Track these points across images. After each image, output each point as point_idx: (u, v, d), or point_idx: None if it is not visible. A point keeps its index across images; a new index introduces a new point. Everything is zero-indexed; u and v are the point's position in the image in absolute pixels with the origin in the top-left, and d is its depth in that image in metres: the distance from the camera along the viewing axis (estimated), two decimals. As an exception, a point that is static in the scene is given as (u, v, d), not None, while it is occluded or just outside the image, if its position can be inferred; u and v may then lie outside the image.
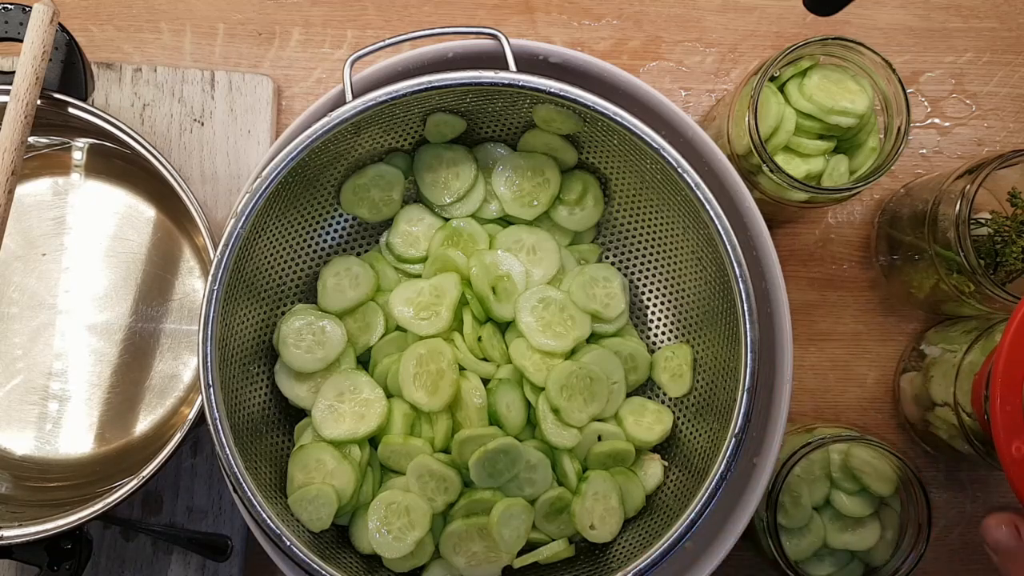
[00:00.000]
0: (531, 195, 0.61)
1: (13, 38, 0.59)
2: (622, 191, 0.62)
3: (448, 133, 0.60)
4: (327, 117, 0.52)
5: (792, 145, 0.63)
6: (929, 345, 0.68)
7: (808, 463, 0.62)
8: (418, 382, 0.57)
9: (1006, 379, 0.48)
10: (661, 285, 0.63)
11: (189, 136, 0.69)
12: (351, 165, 0.60)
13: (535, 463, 0.57)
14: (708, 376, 0.59)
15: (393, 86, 0.52)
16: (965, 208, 0.58)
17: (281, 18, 0.72)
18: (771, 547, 0.59)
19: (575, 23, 0.73)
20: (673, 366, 0.61)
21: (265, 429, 0.59)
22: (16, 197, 0.56)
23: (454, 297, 0.58)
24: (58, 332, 0.65)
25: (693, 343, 0.61)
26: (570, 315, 0.59)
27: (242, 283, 0.55)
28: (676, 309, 0.63)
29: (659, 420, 0.60)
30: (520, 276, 0.60)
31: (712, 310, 0.58)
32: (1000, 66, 0.73)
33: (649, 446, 0.60)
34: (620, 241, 0.64)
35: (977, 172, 0.59)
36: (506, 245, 0.61)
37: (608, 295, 0.60)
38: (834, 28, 0.72)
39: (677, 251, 0.61)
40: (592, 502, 0.57)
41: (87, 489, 0.62)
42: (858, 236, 0.72)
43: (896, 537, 0.62)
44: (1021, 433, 0.48)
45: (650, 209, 0.61)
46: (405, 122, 0.58)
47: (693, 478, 0.56)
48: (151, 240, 0.67)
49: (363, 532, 0.56)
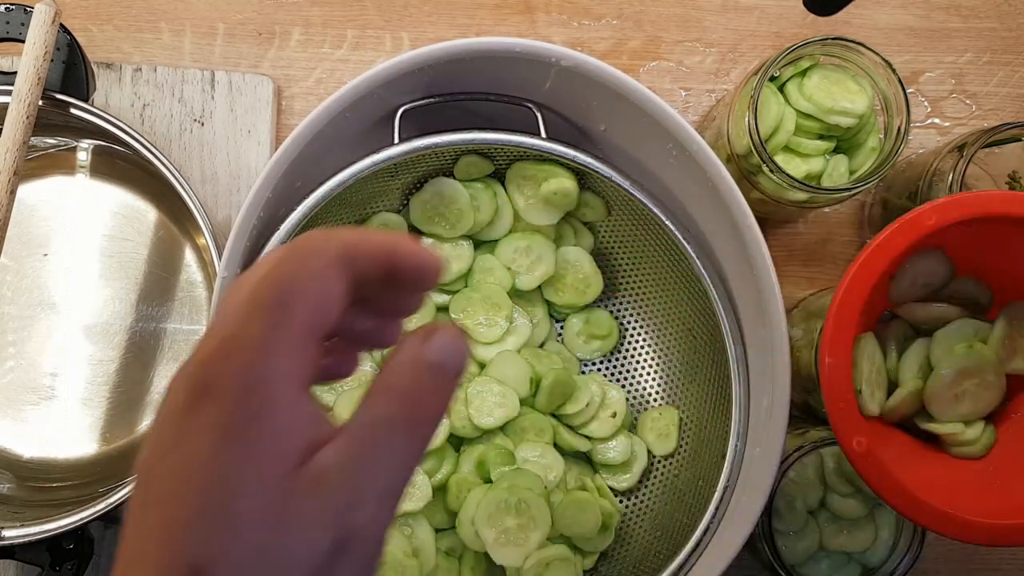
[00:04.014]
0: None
1: (15, 38, 0.59)
2: (626, 259, 0.65)
3: (475, 173, 0.61)
4: (370, 159, 0.54)
5: (792, 145, 0.63)
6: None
7: (801, 467, 0.62)
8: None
9: (832, 375, 0.49)
10: (652, 349, 0.66)
11: (189, 136, 0.69)
12: (361, 216, 0.62)
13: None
14: (693, 435, 0.62)
15: (439, 137, 0.55)
16: (957, 185, 0.59)
17: (281, 18, 0.72)
18: (767, 552, 0.59)
19: (575, 23, 0.73)
20: (660, 426, 0.63)
21: None
22: (17, 197, 0.56)
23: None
24: (59, 332, 0.65)
25: (679, 405, 0.64)
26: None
27: None
28: (665, 372, 0.65)
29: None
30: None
31: (700, 378, 0.61)
32: (1000, 66, 0.73)
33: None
34: (618, 304, 0.67)
35: (966, 148, 0.59)
36: (508, 255, 0.62)
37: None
38: (834, 28, 0.72)
39: (671, 320, 0.64)
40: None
41: (89, 489, 0.62)
42: (858, 236, 0.72)
43: (893, 538, 0.62)
44: (858, 428, 0.49)
45: (649, 278, 0.64)
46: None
47: (665, 540, 0.60)
48: (152, 240, 0.67)
49: None
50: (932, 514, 0.49)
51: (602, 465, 0.63)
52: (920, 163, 0.65)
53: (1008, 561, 0.70)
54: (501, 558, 0.56)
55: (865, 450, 0.49)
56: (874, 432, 0.54)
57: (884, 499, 0.49)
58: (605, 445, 0.62)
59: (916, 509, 0.49)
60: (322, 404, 0.28)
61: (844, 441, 0.49)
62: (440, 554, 0.59)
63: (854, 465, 0.49)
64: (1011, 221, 0.50)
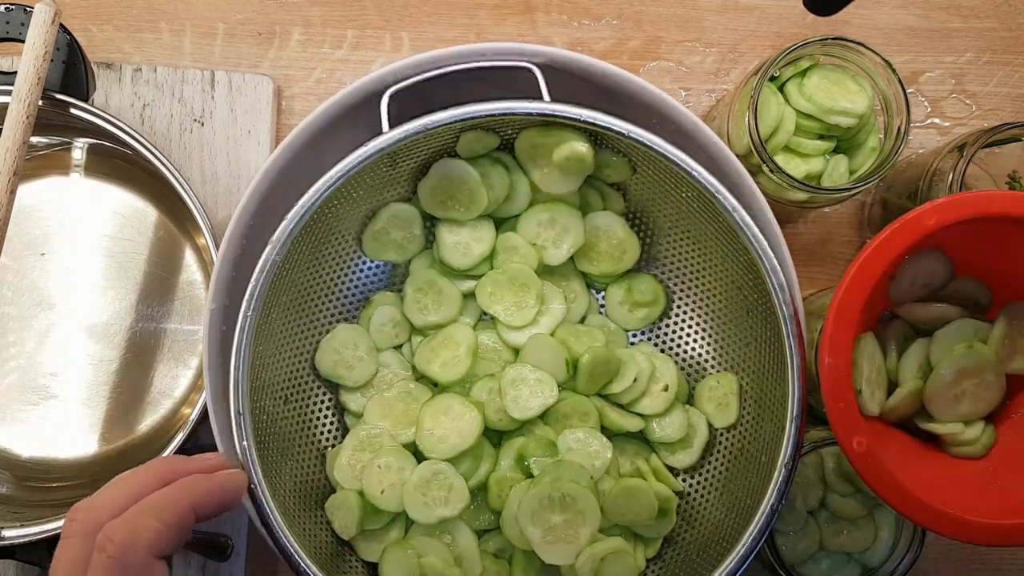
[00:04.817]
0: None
1: (15, 38, 0.59)
2: (662, 219, 0.60)
3: (480, 149, 0.58)
4: (364, 147, 0.51)
5: (792, 145, 0.63)
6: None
7: (801, 467, 0.62)
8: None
9: (832, 375, 0.49)
10: (702, 313, 0.61)
11: (189, 136, 0.69)
12: (371, 209, 0.59)
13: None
14: (753, 406, 0.57)
15: (429, 118, 0.50)
16: (957, 185, 0.59)
17: (281, 18, 0.72)
18: (767, 552, 0.59)
19: (575, 23, 0.73)
20: (718, 396, 0.59)
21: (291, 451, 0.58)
22: (17, 197, 0.56)
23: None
24: (59, 332, 0.65)
25: (738, 371, 0.59)
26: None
27: (277, 309, 0.55)
28: (718, 337, 0.61)
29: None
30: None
31: (755, 339, 0.57)
32: (1000, 66, 0.73)
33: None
34: (661, 269, 0.62)
35: (965, 148, 0.59)
36: (532, 230, 0.59)
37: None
38: (834, 28, 0.72)
39: (718, 279, 0.59)
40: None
41: (89, 489, 0.62)
42: (858, 236, 0.72)
43: (892, 538, 0.62)
44: (858, 428, 0.49)
45: (689, 237, 0.60)
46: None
47: (734, 516, 0.55)
48: (151, 240, 0.67)
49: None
50: (932, 514, 0.49)
51: (659, 444, 0.59)
52: (920, 163, 0.65)
53: (1008, 561, 0.70)
54: (550, 557, 0.52)
55: (865, 450, 0.48)
56: (874, 432, 0.54)
57: (884, 499, 0.49)
58: (659, 422, 0.58)
59: (916, 509, 0.49)
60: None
61: (844, 441, 0.49)
62: (488, 557, 0.56)
63: (854, 465, 0.49)
64: (1011, 221, 0.50)
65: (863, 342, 0.54)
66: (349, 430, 0.59)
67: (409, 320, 0.60)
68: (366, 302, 0.61)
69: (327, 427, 0.60)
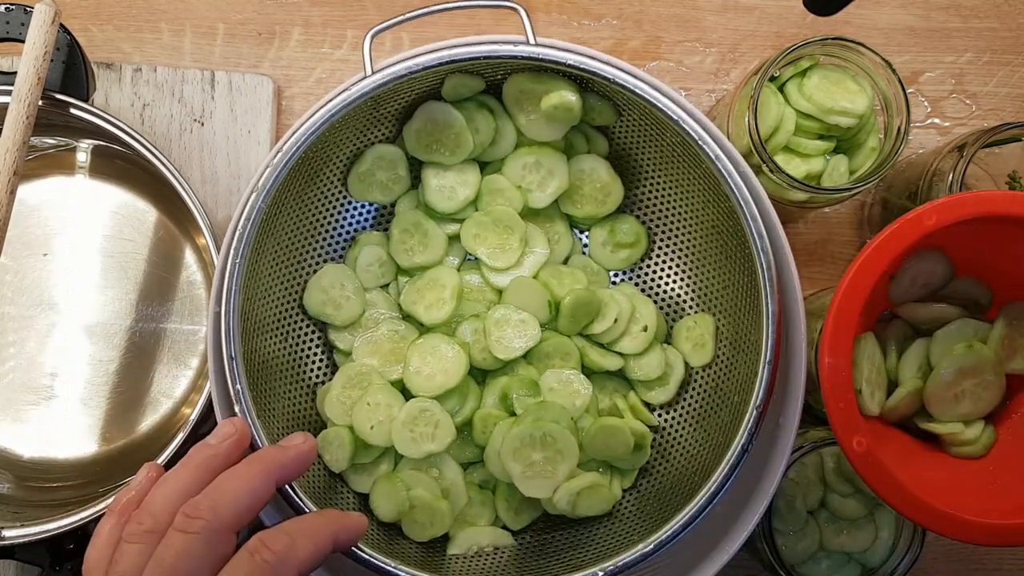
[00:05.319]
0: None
1: (15, 38, 0.59)
2: (645, 162, 0.61)
3: (465, 93, 0.58)
4: (347, 92, 0.51)
5: (792, 145, 0.63)
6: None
7: (801, 467, 0.62)
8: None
9: (832, 375, 0.49)
10: (682, 255, 0.62)
11: (189, 136, 0.69)
12: (356, 150, 0.59)
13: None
14: (728, 347, 0.59)
15: (412, 60, 0.52)
16: (957, 185, 0.59)
17: (281, 18, 0.72)
18: (767, 551, 0.59)
19: (575, 23, 0.73)
20: (695, 335, 0.60)
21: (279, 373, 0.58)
22: (19, 198, 0.56)
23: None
24: (59, 332, 0.66)
25: (715, 313, 0.60)
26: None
27: (264, 255, 0.56)
28: (697, 280, 0.62)
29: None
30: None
31: (732, 283, 0.58)
32: (1000, 66, 0.73)
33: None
34: (643, 211, 0.63)
35: (966, 148, 0.59)
36: (517, 173, 0.60)
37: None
38: (834, 28, 0.72)
39: (698, 223, 0.60)
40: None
41: (89, 489, 0.62)
42: (858, 236, 0.72)
43: (892, 538, 0.62)
44: (858, 428, 0.49)
45: (672, 180, 0.60)
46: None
47: (708, 452, 0.57)
48: (152, 240, 0.67)
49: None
50: (932, 514, 0.49)
51: (637, 381, 0.61)
52: (920, 163, 0.65)
53: (1008, 561, 0.70)
54: (529, 491, 0.55)
55: (865, 450, 0.49)
56: (874, 432, 0.54)
57: (884, 499, 0.49)
58: (638, 360, 0.60)
59: (916, 509, 0.49)
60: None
61: (844, 441, 0.49)
62: (473, 487, 0.58)
63: (854, 465, 0.49)
64: (1011, 221, 0.50)
65: (863, 342, 0.54)
66: (338, 367, 0.60)
67: (395, 261, 0.61)
68: (352, 242, 0.62)
69: (317, 364, 0.61)
